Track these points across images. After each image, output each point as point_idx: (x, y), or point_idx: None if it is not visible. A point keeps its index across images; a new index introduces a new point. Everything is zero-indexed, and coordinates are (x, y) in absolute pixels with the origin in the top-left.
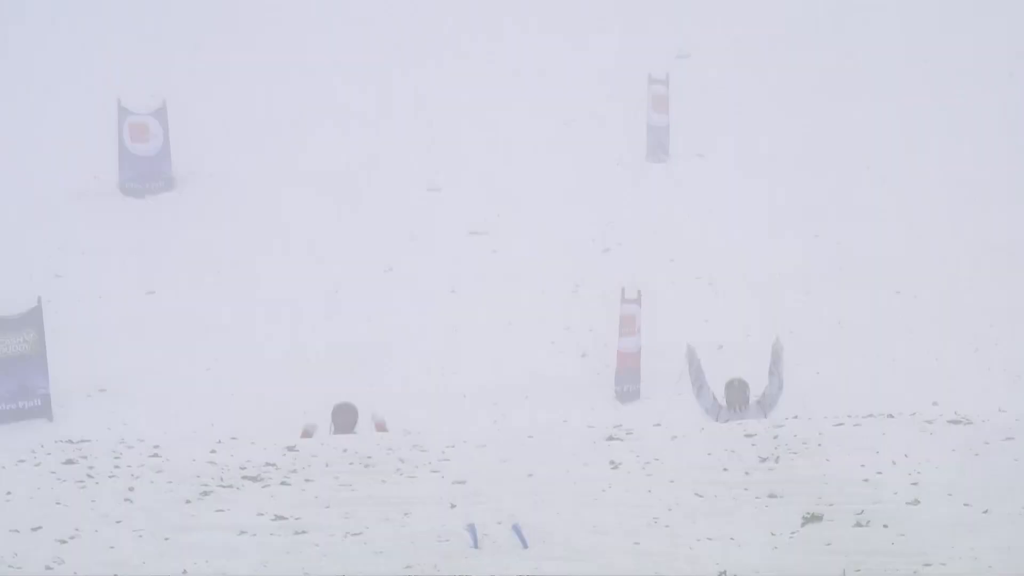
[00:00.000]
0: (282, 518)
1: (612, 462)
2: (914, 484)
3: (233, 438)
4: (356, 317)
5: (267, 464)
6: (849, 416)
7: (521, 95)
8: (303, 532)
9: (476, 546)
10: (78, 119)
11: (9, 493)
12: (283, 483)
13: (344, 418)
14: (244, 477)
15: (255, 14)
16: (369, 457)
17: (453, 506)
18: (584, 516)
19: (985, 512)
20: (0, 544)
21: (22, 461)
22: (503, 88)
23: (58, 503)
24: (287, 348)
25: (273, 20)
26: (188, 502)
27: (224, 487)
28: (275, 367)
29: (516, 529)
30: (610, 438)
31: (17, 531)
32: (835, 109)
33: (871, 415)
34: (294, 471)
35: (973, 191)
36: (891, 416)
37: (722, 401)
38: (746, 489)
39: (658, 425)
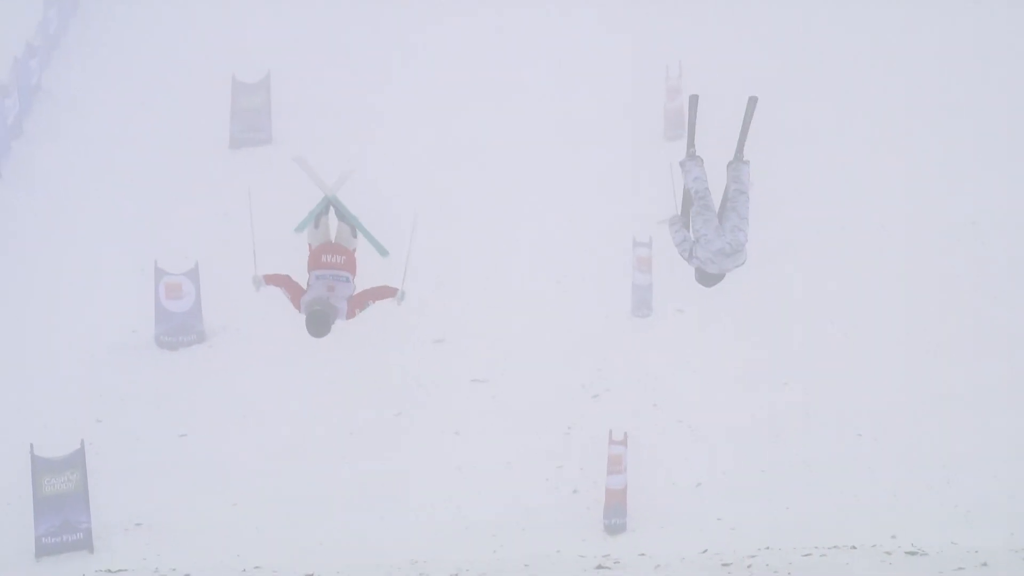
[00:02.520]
0: None
1: None
2: None
3: (257, 567)
4: (370, 455)
5: None
6: (816, 547)
7: (518, 259)
8: None
9: None
10: (119, 280)
11: None
12: None
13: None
14: None
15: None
16: None
17: None
18: None
19: None
20: None
21: None
22: (502, 254)
23: None
24: (305, 485)
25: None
26: None
27: None
28: (295, 504)
29: None
30: (599, 567)
31: None
32: (792, 273)
33: (836, 547)
34: None
35: (930, 341)
36: (854, 548)
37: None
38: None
39: (643, 555)
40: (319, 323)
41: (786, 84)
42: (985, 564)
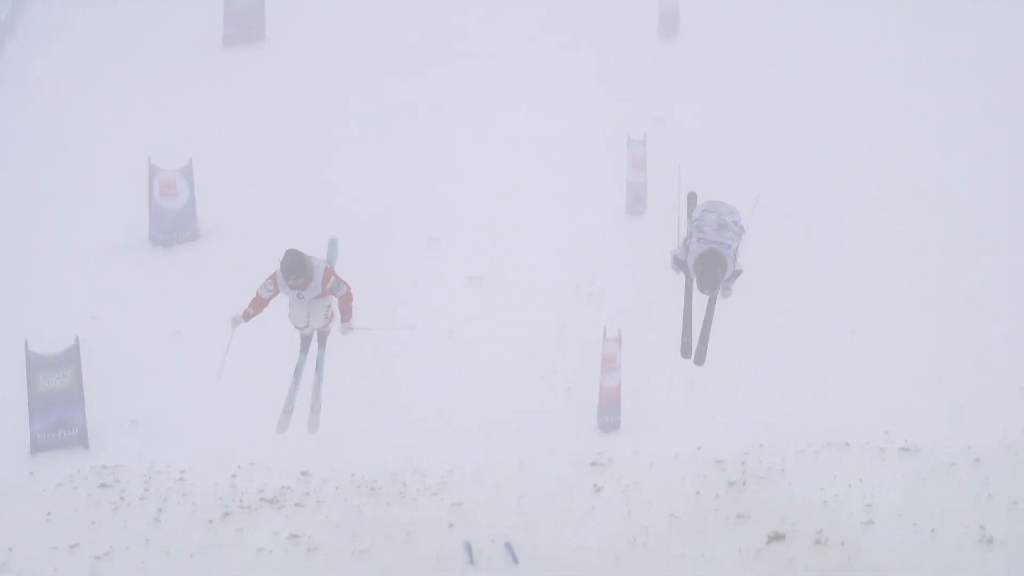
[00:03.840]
0: (296, 537)
1: (595, 486)
2: (868, 506)
3: (252, 464)
4: (365, 356)
5: (283, 488)
6: (809, 444)
7: (516, 162)
8: (315, 550)
9: (472, 562)
10: (113, 179)
11: (49, 514)
12: (297, 505)
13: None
14: (262, 500)
15: (277, 80)
16: (375, 481)
17: (451, 526)
18: (570, 536)
19: (932, 532)
20: (41, 560)
21: (61, 485)
22: (499, 156)
23: (93, 523)
24: None
25: (292, 84)
26: (211, 523)
27: (243, 509)
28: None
29: (508, 547)
30: (593, 464)
31: (56, 548)
32: (798, 167)
33: (829, 444)
34: (307, 494)
35: (925, 239)
36: (847, 444)
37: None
38: (716, 511)
39: (636, 453)
40: (295, 258)
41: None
42: (978, 460)
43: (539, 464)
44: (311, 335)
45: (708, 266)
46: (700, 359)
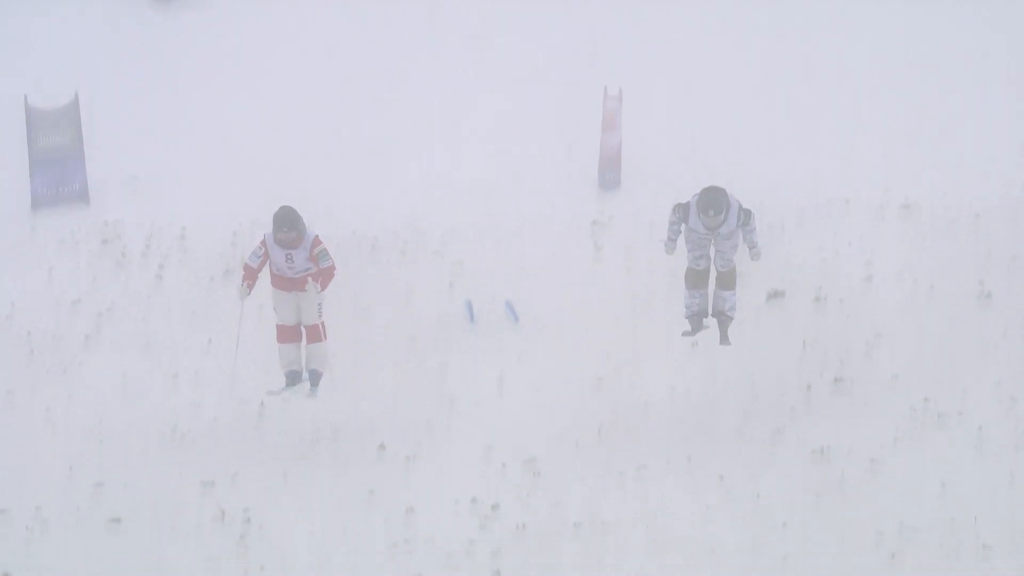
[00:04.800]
0: None
1: (596, 245)
2: (867, 264)
3: (252, 222)
4: (369, 112)
5: None
6: (809, 203)
7: None
8: None
9: (472, 321)
10: None
11: (51, 270)
12: None
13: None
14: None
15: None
16: (375, 239)
17: (451, 285)
18: (570, 295)
19: (931, 288)
20: (43, 316)
21: (62, 241)
22: None
23: (95, 279)
24: (301, 141)
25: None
26: (212, 280)
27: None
28: (291, 165)
29: (509, 306)
30: (594, 223)
31: (58, 304)
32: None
33: (829, 201)
34: None
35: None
36: (847, 202)
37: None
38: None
39: (637, 212)
40: (288, 210)
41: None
42: (978, 216)
43: (539, 223)
44: (299, 370)
45: (711, 192)
46: (724, 340)
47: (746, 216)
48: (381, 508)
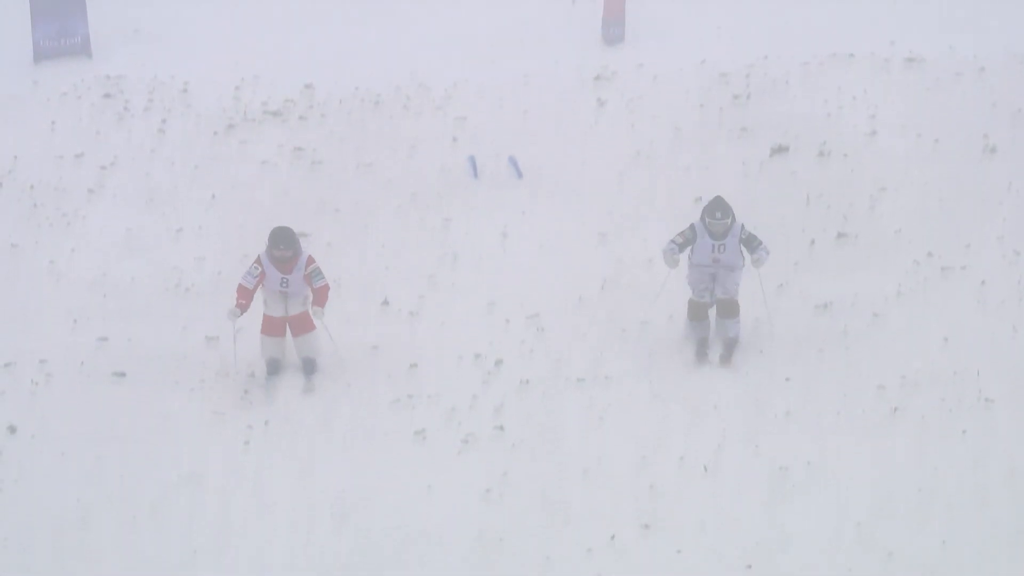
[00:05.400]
0: (300, 150)
1: (599, 100)
2: (872, 117)
3: (255, 76)
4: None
5: (286, 101)
6: (814, 57)
7: None
8: (319, 163)
9: (476, 176)
10: None
11: (53, 123)
12: (301, 118)
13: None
14: (266, 112)
15: None
16: (379, 95)
17: (455, 140)
18: (573, 150)
19: (936, 142)
20: (46, 169)
21: (65, 95)
22: None
23: (98, 133)
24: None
25: None
26: (215, 135)
27: (248, 121)
28: (294, 13)
29: (512, 161)
30: (597, 78)
31: (61, 157)
32: None
33: (833, 55)
34: (311, 107)
35: None
36: (851, 56)
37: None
38: (720, 124)
39: (640, 66)
40: (285, 229)
41: None
42: (983, 69)
43: (543, 78)
44: (280, 358)
45: (718, 199)
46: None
47: (754, 242)
48: (384, 363)
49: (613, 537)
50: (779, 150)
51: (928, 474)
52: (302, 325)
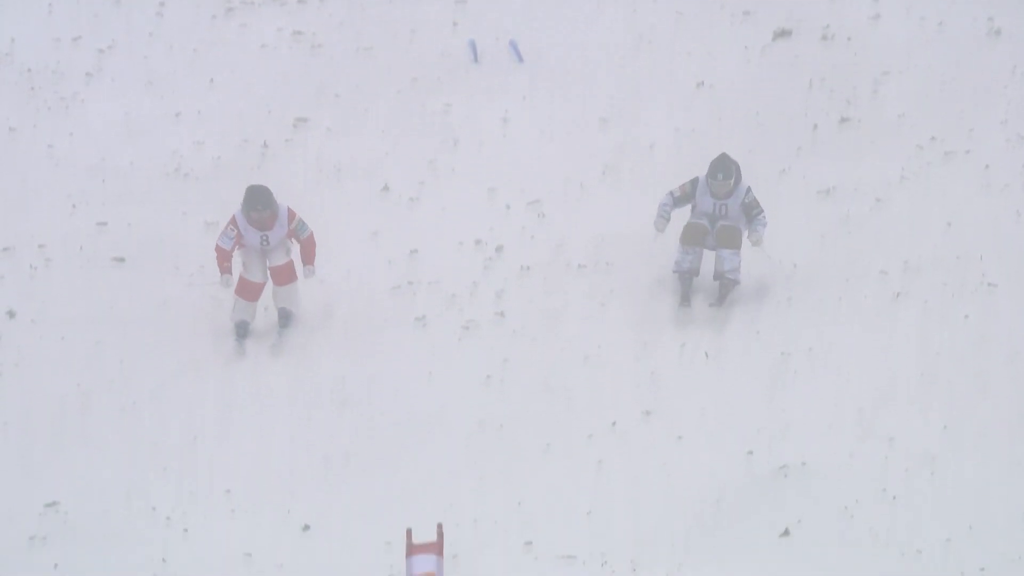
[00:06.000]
0: (300, 34)
1: None
2: (875, 1)
3: None
4: None
5: None
6: None
7: None
8: (319, 47)
9: (476, 60)
10: None
11: (51, 5)
12: (300, 2)
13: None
14: None
15: None
16: None
17: (455, 24)
18: (574, 35)
19: (940, 25)
20: (44, 52)
21: None
22: None
23: (96, 16)
24: None
25: None
26: (214, 18)
27: (247, 4)
28: None
29: (513, 45)
30: None
31: (59, 40)
32: None
33: None
34: None
35: None
36: None
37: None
38: (722, 8)
39: None
40: (260, 189)
41: None
42: None
43: None
44: (250, 321)
45: (722, 158)
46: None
47: (754, 210)
48: (384, 250)
49: (614, 424)
50: (781, 34)
51: (930, 359)
52: (284, 275)
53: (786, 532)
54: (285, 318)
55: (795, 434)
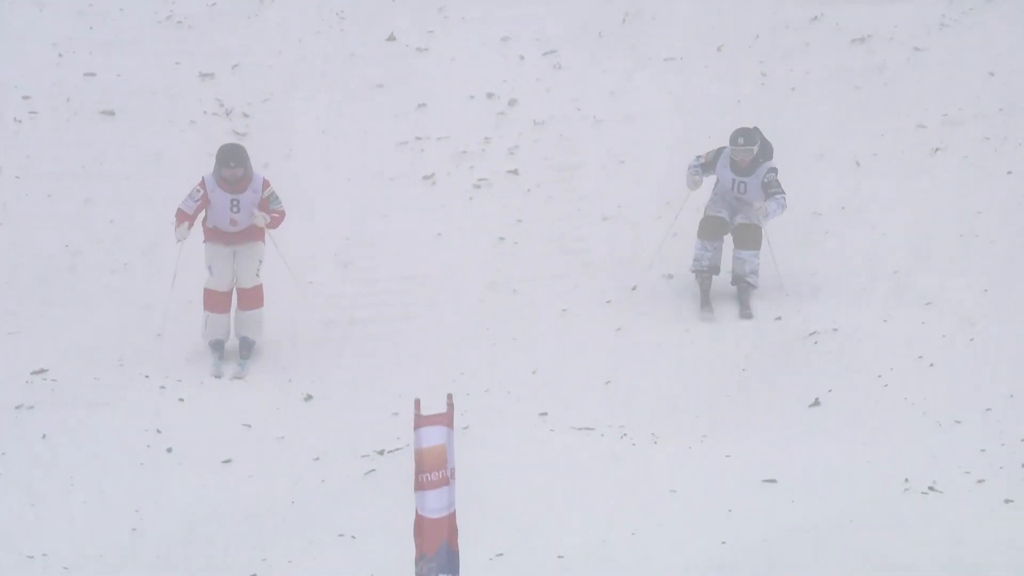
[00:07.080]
0: None
1: None
2: None
3: None
4: None
5: None
6: None
7: None
8: None
9: None
10: None
11: None
12: None
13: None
14: None
15: None
16: None
17: None
18: None
19: None
20: None
21: None
22: None
23: None
24: None
25: None
26: None
27: None
28: None
29: None
30: None
31: None
32: None
33: None
34: None
35: None
36: None
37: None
38: None
39: None
40: (235, 146)
41: None
42: None
43: None
44: (224, 339)
45: (744, 128)
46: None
47: (772, 188)
48: (391, 103)
49: (634, 288)
50: None
51: (969, 217)
52: (251, 299)
53: (816, 402)
54: (247, 348)
55: (826, 297)
